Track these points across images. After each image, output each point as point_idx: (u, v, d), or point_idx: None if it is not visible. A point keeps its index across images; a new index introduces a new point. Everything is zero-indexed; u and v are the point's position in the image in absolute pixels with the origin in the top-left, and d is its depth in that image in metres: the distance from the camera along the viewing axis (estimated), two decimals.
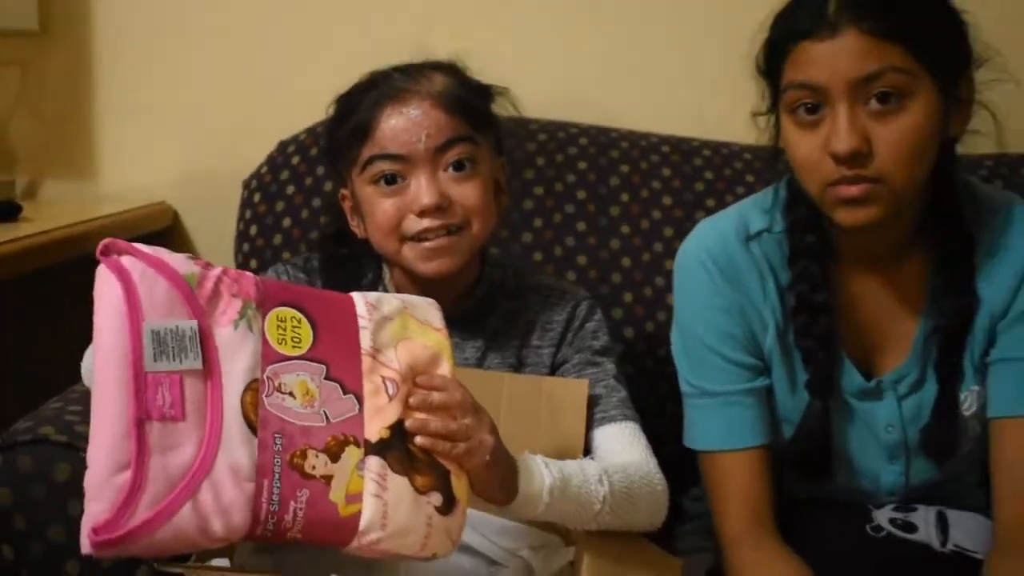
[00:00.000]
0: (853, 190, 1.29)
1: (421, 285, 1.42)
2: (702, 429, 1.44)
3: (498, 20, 2.07)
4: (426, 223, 1.38)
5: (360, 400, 1.08)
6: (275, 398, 1.04)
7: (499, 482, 1.18)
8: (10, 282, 1.65)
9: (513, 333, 1.48)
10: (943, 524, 1.42)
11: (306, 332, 1.10)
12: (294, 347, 1.07)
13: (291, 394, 1.05)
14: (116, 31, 2.11)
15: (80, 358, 1.34)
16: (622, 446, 1.39)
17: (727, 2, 1.42)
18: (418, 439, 1.10)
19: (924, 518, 1.43)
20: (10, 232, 1.72)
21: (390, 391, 1.10)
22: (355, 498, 1.03)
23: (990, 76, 1.37)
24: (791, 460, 1.43)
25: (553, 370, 1.48)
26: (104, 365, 1.00)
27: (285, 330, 1.08)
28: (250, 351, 1.05)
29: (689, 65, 2.02)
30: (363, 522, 1.03)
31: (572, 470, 1.26)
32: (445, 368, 1.16)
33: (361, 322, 1.12)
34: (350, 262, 1.50)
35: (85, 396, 1.32)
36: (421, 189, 1.37)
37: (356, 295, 1.17)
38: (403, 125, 1.38)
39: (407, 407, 1.11)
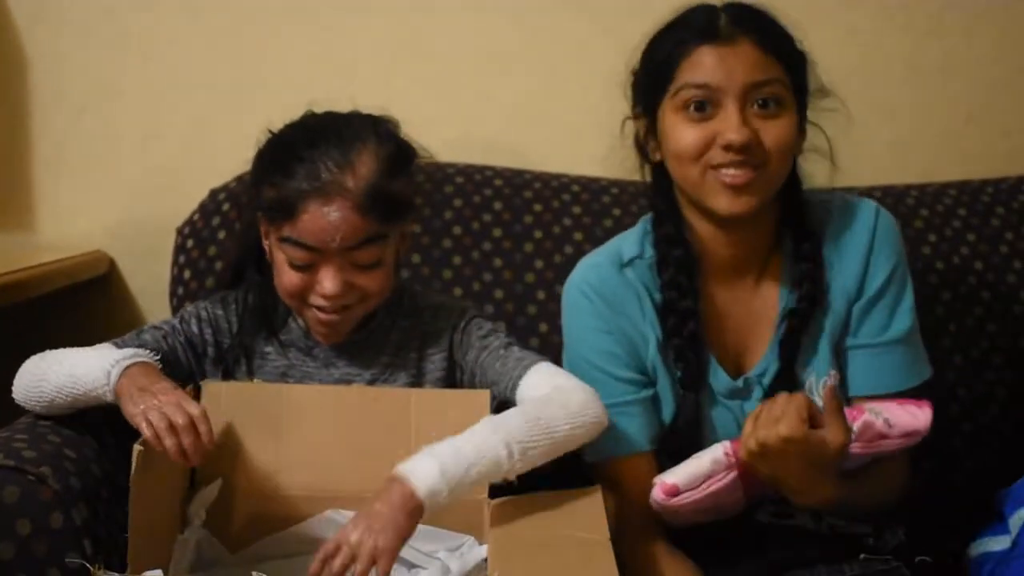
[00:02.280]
0: (740, 178, 1.45)
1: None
2: (595, 441, 1.50)
3: (417, 70, 2.14)
4: (325, 302, 1.46)
5: None
6: None
7: (407, 524, 1.25)
8: None
9: (412, 347, 1.57)
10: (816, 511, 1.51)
11: None
12: None
13: None
14: (50, 88, 2.14)
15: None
16: (542, 383, 1.46)
17: (625, 54, 1.54)
18: None
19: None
20: None
21: None
22: None
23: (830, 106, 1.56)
24: (671, 452, 1.52)
25: (450, 375, 1.56)
26: None
27: None
28: None
29: (596, 111, 2.04)
30: None
31: (462, 440, 1.31)
32: None
33: None
34: (267, 298, 1.56)
35: (31, 426, 1.40)
36: (327, 280, 1.44)
37: None
38: (322, 225, 1.41)
39: None
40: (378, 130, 1.49)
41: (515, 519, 1.34)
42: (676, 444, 1.53)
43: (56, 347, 1.48)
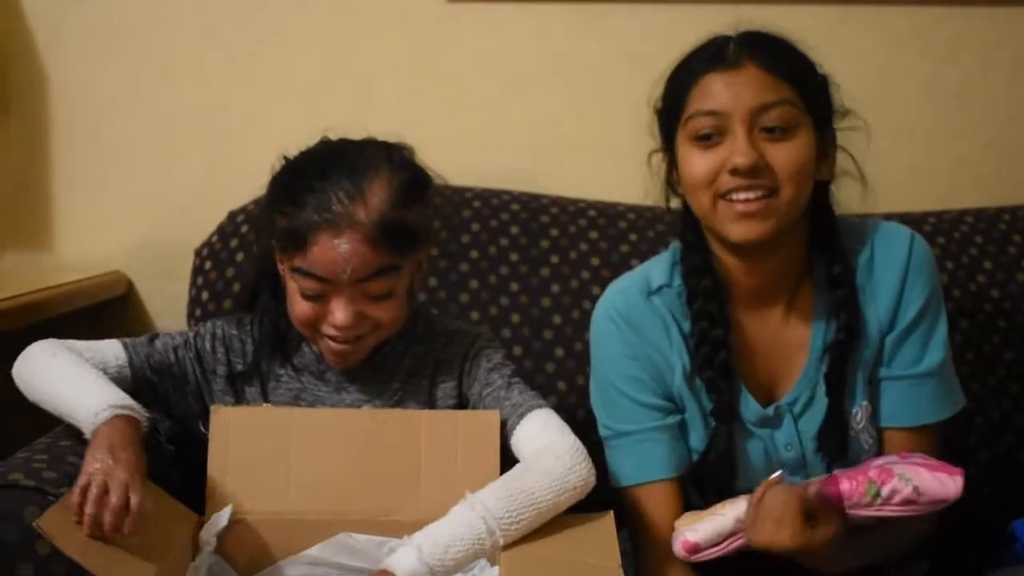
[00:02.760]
0: (752, 205, 1.43)
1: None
2: (619, 467, 1.54)
3: (436, 94, 2.15)
4: (337, 332, 1.46)
5: None
6: None
7: None
8: None
9: (424, 373, 1.57)
10: None
11: None
12: None
13: None
14: (70, 109, 2.16)
15: (39, 416, 1.42)
16: (525, 443, 1.45)
17: (645, 80, 1.55)
18: None
19: None
20: None
21: None
22: None
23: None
24: (698, 481, 1.52)
25: (461, 402, 1.56)
26: None
27: None
28: None
29: (614, 136, 2.12)
30: None
31: (439, 525, 1.32)
32: None
33: None
34: (281, 322, 1.56)
35: (51, 447, 1.41)
36: (339, 310, 1.44)
37: None
38: (332, 257, 1.41)
39: None
40: (392, 158, 1.48)
41: (527, 542, 1.35)
42: (704, 474, 1.53)
43: None
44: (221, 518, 1.41)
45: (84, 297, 2.01)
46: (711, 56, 1.48)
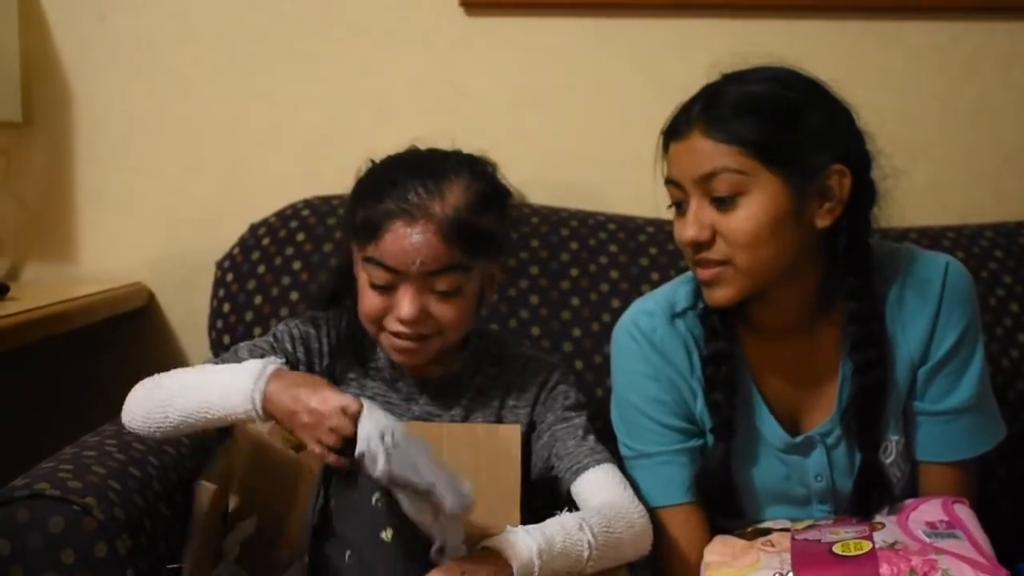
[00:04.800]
0: (704, 273, 1.44)
1: None
2: (640, 489, 1.52)
3: (453, 111, 2.16)
4: (402, 328, 1.47)
5: None
6: None
7: None
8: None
9: (494, 395, 1.58)
10: None
11: None
12: None
13: None
14: (94, 122, 2.18)
15: (63, 425, 1.40)
16: (599, 489, 1.47)
17: (661, 94, 1.55)
18: None
19: None
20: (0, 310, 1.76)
21: None
22: None
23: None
24: (708, 499, 1.52)
25: (530, 429, 1.56)
26: None
27: None
28: None
29: (632, 149, 2.07)
30: None
31: (554, 529, 1.35)
32: None
33: None
34: (358, 326, 1.56)
35: (76, 456, 1.41)
36: (405, 302, 1.45)
37: None
38: (403, 246, 1.43)
39: None
40: (474, 168, 1.52)
41: None
42: (699, 491, 1.52)
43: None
44: (246, 527, 1.41)
45: (106, 308, 2.03)
46: (673, 124, 1.47)
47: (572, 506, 1.47)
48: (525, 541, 1.31)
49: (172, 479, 1.46)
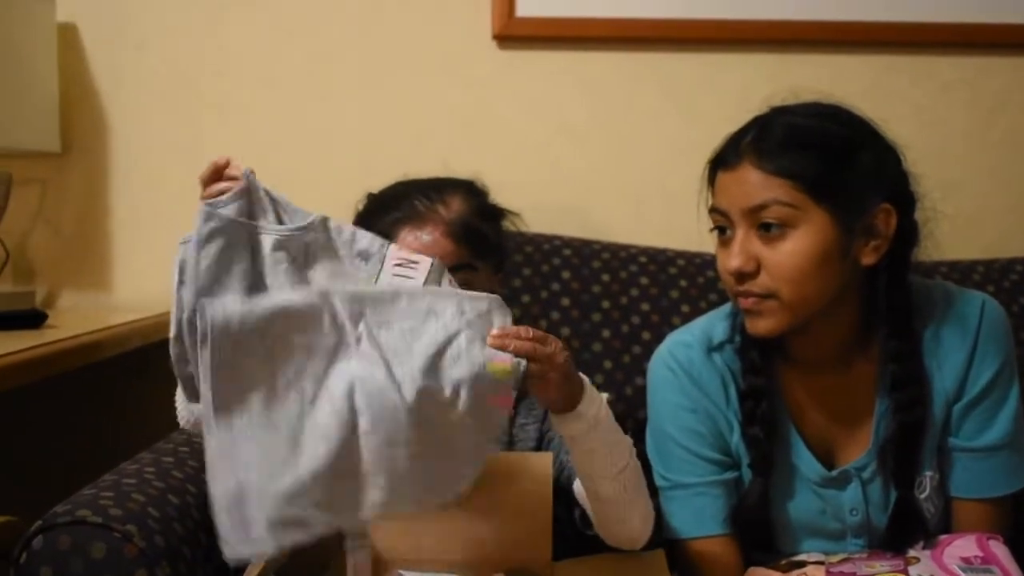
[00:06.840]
0: (746, 302, 1.44)
1: None
2: (674, 520, 1.53)
3: (485, 142, 2.19)
4: None
5: None
6: None
7: (567, 394, 1.28)
8: (36, 384, 1.71)
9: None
10: None
11: None
12: None
13: None
14: (130, 152, 2.21)
15: (101, 452, 1.41)
16: None
17: (694, 126, 1.56)
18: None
19: None
20: (37, 338, 1.77)
21: None
22: None
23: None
24: (744, 531, 1.52)
25: (539, 442, 1.57)
26: None
27: None
28: None
29: (664, 182, 2.15)
30: None
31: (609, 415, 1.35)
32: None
33: None
34: None
35: (116, 484, 1.43)
36: None
37: None
38: (414, 248, 1.46)
39: None
40: (470, 187, 1.61)
41: None
42: (738, 525, 1.53)
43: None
44: (278, 558, 1.42)
45: (138, 338, 2.02)
46: (722, 153, 1.48)
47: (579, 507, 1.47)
48: (601, 397, 1.33)
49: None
